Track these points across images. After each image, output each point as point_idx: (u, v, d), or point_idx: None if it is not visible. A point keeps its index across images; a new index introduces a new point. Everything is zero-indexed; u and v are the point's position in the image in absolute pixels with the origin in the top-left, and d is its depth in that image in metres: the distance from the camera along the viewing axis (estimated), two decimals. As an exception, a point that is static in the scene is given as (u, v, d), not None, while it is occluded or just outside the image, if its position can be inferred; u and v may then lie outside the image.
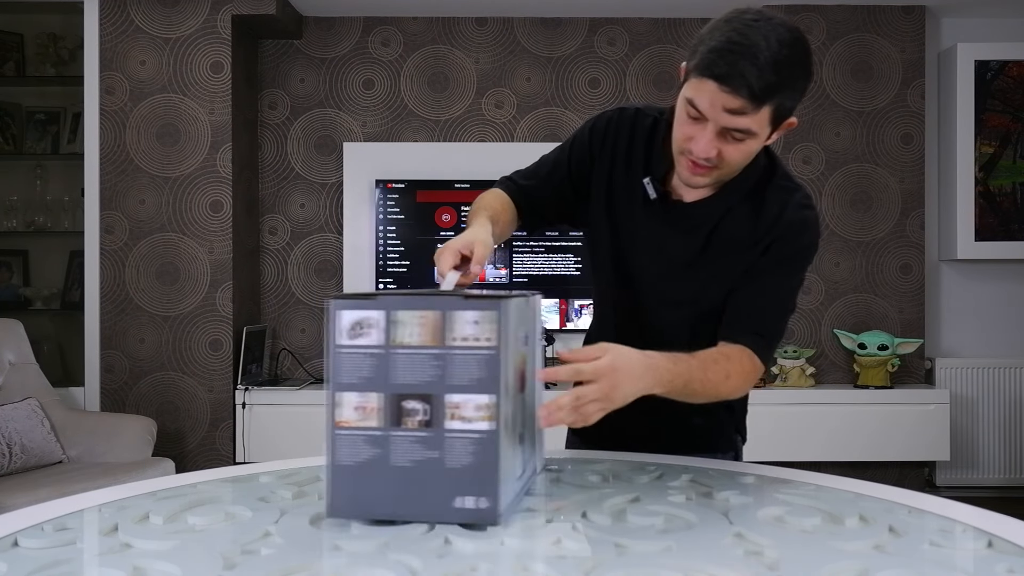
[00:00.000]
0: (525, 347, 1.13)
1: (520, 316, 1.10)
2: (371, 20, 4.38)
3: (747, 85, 1.19)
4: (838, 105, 4.28)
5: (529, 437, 1.17)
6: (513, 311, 1.05)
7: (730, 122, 1.24)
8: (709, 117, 1.24)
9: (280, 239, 4.38)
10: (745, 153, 1.30)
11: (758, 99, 1.21)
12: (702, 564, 0.88)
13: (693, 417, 1.49)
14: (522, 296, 1.13)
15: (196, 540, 0.97)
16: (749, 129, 1.25)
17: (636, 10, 4.31)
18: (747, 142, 1.27)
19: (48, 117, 4.31)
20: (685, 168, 1.33)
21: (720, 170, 1.31)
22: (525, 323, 1.14)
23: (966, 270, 4.45)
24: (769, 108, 1.23)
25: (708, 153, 1.27)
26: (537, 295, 1.24)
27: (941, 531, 1.02)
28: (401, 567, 0.87)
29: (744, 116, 1.23)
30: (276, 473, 1.33)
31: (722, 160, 1.29)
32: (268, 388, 4.00)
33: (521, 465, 1.12)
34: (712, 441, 1.55)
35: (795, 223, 1.38)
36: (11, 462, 3.18)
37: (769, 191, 1.40)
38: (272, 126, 4.38)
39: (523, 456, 1.14)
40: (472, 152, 4.29)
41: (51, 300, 4.21)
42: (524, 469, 1.14)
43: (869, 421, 4.02)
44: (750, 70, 1.19)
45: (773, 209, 1.39)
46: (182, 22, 4.00)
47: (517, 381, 1.09)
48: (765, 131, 1.27)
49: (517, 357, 1.08)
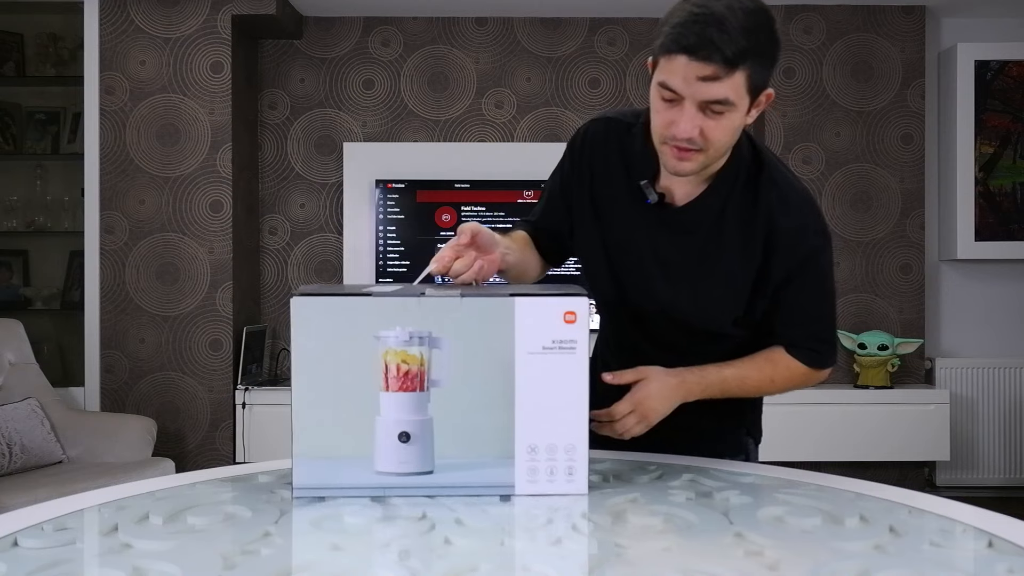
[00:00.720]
0: (420, 348, 1.15)
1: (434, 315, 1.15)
2: (371, 20, 4.38)
3: (718, 50, 1.18)
4: (838, 105, 4.28)
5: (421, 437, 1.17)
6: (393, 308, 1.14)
7: (707, 92, 1.22)
8: (685, 94, 1.23)
9: (280, 239, 4.38)
10: (727, 129, 1.27)
11: (731, 62, 1.19)
12: (702, 564, 0.88)
13: (703, 419, 1.49)
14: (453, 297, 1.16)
15: (196, 540, 0.97)
16: (727, 98, 1.22)
17: (636, 10, 4.31)
18: (728, 115, 1.24)
19: (48, 117, 4.31)
20: (671, 157, 1.30)
21: (706, 153, 1.28)
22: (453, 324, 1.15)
23: (966, 270, 4.45)
24: (743, 74, 1.21)
25: (691, 132, 1.24)
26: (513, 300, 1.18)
27: (941, 531, 1.02)
28: (401, 567, 0.87)
29: (719, 83, 1.20)
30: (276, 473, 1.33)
31: (706, 140, 1.26)
32: (268, 388, 3.99)
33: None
34: (723, 444, 1.54)
35: (792, 227, 1.35)
36: (11, 462, 3.18)
37: (760, 187, 1.37)
38: (272, 126, 4.38)
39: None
40: (472, 152, 4.29)
41: (51, 300, 4.21)
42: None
43: (869, 421, 4.02)
44: (718, 35, 1.18)
45: (763, 203, 1.36)
46: (182, 22, 4.00)
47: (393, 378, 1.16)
48: (743, 101, 1.25)
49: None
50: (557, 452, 1.16)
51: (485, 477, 1.15)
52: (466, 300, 1.16)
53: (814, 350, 1.42)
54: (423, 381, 1.15)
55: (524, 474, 1.16)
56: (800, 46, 4.26)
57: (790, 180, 1.40)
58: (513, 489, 1.15)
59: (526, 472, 1.16)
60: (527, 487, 1.16)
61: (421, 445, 1.15)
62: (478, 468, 1.15)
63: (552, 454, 1.16)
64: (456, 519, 1.04)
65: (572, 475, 1.16)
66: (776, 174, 1.39)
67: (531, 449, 1.16)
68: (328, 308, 1.15)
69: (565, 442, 1.16)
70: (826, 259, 1.40)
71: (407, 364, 1.15)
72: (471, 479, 1.15)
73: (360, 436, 1.15)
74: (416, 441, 1.14)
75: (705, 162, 1.31)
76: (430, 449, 1.15)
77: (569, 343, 1.16)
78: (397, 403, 1.15)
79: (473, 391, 1.16)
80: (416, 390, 1.15)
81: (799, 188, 1.39)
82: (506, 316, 1.16)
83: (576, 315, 1.17)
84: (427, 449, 1.15)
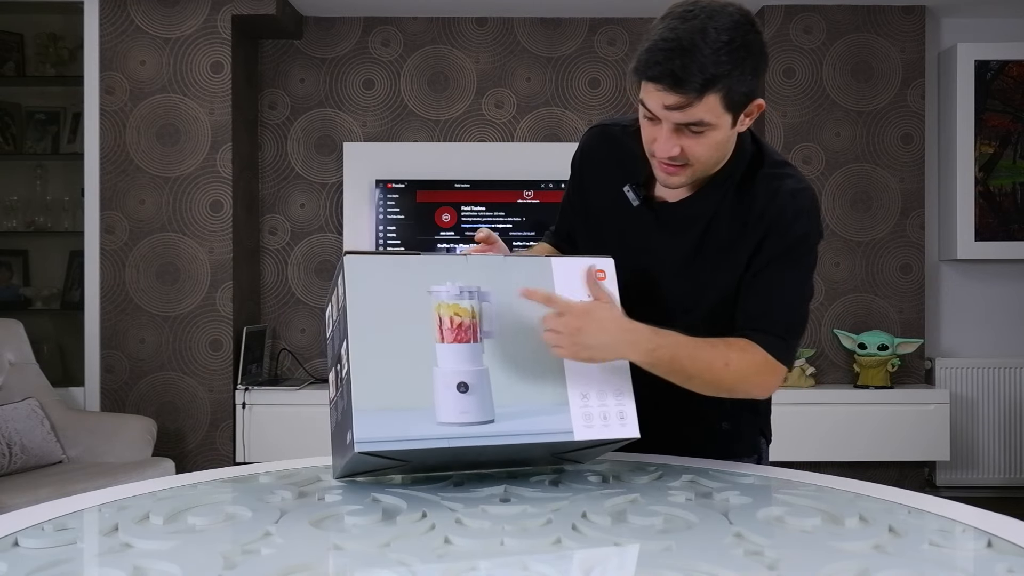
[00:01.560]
0: (471, 301, 1.20)
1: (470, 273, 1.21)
2: (371, 20, 4.38)
3: (681, 81, 1.19)
4: (838, 105, 4.28)
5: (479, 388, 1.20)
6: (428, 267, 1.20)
7: (679, 117, 1.24)
8: (660, 116, 1.25)
9: (280, 239, 4.38)
10: (710, 146, 1.28)
11: (699, 90, 1.20)
12: (702, 564, 0.88)
13: (720, 422, 1.50)
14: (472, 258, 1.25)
15: (196, 540, 0.97)
16: (702, 120, 1.23)
17: (636, 10, 4.31)
18: (708, 134, 1.26)
19: (48, 117, 4.31)
20: (659, 171, 1.33)
21: (692, 167, 1.30)
22: (488, 280, 1.22)
23: (966, 270, 4.45)
24: (715, 96, 1.22)
25: (670, 152, 1.27)
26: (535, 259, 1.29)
27: (941, 531, 1.02)
28: (401, 567, 0.87)
29: (690, 108, 1.22)
30: (276, 473, 1.33)
31: (688, 156, 1.28)
32: (268, 388, 4.00)
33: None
34: (737, 446, 1.54)
35: (785, 213, 1.34)
36: (11, 462, 3.18)
37: (758, 180, 1.37)
38: (272, 126, 4.38)
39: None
40: (472, 152, 4.29)
41: (51, 300, 4.21)
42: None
43: (869, 421, 4.02)
44: (682, 67, 1.19)
45: (761, 199, 1.36)
46: (182, 22, 4.00)
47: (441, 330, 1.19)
48: (724, 119, 1.25)
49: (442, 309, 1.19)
50: (607, 398, 1.22)
51: (544, 424, 1.18)
52: (508, 260, 1.24)
53: (779, 337, 1.35)
54: (476, 332, 1.20)
55: (580, 419, 1.20)
56: (800, 46, 4.27)
57: (792, 174, 1.39)
58: (572, 435, 1.19)
59: (582, 418, 1.20)
60: (584, 432, 1.19)
61: (480, 395, 1.17)
62: (535, 416, 1.18)
63: (603, 400, 1.22)
64: (456, 519, 1.05)
65: (623, 419, 1.22)
66: (777, 170, 1.39)
67: (583, 396, 1.21)
68: (380, 267, 1.19)
69: (613, 387, 1.23)
70: (812, 255, 1.39)
71: (459, 316, 1.19)
72: (531, 427, 1.17)
73: (418, 390, 1.16)
74: (475, 391, 1.17)
75: (694, 175, 1.33)
76: (489, 399, 1.18)
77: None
78: (453, 354, 1.18)
79: (522, 345, 1.21)
80: (470, 341, 1.19)
81: (801, 183, 1.38)
82: (545, 275, 1.25)
83: (606, 273, 1.28)
84: (486, 399, 1.17)
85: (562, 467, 1.35)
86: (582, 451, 1.27)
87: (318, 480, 1.29)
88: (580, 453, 1.29)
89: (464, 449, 1.15)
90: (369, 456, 1.12)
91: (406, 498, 1.14)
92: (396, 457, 1.15)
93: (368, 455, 1.12)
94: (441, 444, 1.13)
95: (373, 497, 1.16)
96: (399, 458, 1.16)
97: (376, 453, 1.12)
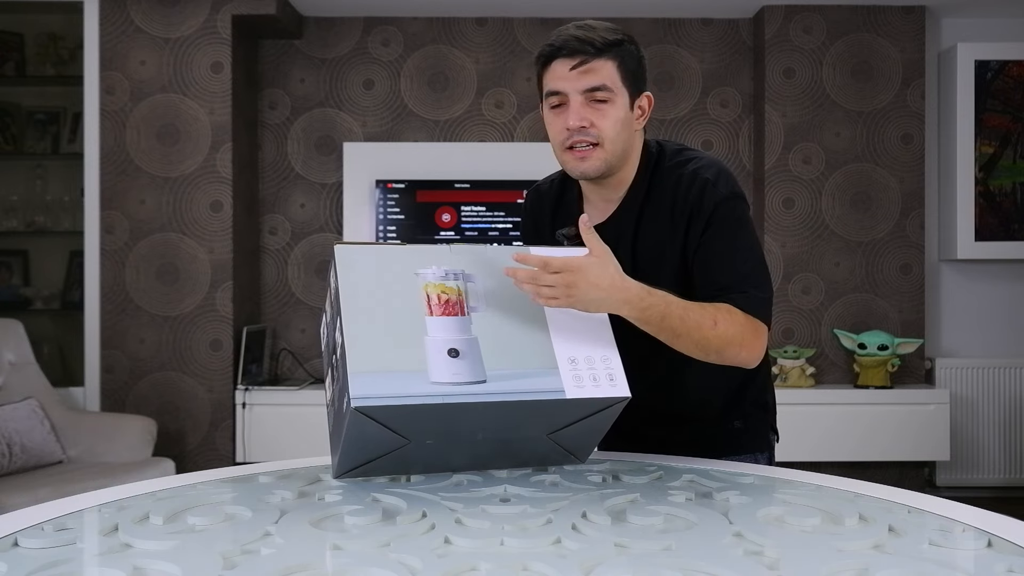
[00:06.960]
0: (456, 281, 1.27)
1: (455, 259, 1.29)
2: (371, 20, 4.38)
3: (583, 42, 1.38)
4: (838, 105, 4.28)
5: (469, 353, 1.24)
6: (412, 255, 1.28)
7: (584, 81, 1.39)
8: (567, 89, 1.40)
9: (280, 239, 4.38)
10: (614, 120, 1.41)
11: (599, 50, 1.39)
12: (702, 564, 0.88)
13: (733, 421, 1.55)
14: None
15: (196, 540, 0.97)
16: (603, 84, 1.39)
17: (636, 10, 4.31)
18: (611, 104, 1.40)
19: (48, 117, 4.31)
20: (572, 160, 1.44)
21: (602, 147, 1.41)
22: (472, 265, 1.29)
23: (966, 270, 4.45)
24: (612, 63, 1.40)
25: (581, 121, 1.39)
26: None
27: (941, 531, 1.02)
28: (401, 567, 0.87)
29: (593, 73, 1.38)
30: (276, 473, 1.33)
31: (597, 132, 1.40)
32: (268, 388, 4.00)
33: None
34: (750, 443, 1.58)
35: (693, 192, 1.42)
36: (11, 462, 3.18)
37: (664, 176, 1.46)
38: (272, 126, 4.38)
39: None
40: (472, 152, 4.29)
41: (51, 300, 4.21)
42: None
43: (869, 421, 4.02)
44: (583, 33, 1.40)
45: (671, 191, 1.45)
46: (182, 22, 4.00)
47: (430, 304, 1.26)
48: (621, 91, 1.41)
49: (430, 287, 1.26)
50: (595, 362, 1.26)
51: (536, 384, 1.22)
52: (490, 248, 1.32)
53: (746, 293, 1.39)
54: (463, 307, 1.26)
55: (571, 381, 1.24)
56: (800, 46, 4.27)
57: (691, 157, 1.48)
58: (564, 393, 1.22)
59: (572, 379, 1.24)
60: (576, 391, 1.23)
61: (471, 359, 1.22)
62: (527, 377, 1.22)
63: (591, 364, 1.26)
64: (456, 519, 1.05)
65: (613, 380, 1.26)
66: (677, 159, 1.48)
67: (571, 360, 1.26)
68: (369, 255, 1.26)
69: (599, 353, 1.28)
70: (739, 212, 1.44)
71: (446, 294, 1.25)
72: (523, 386, 1.21)
73: (412, 356, 1.20)
74: (465, 356, 1.21)
75: (605, 158, 1.42)
76: (479, 362, 1.22)
77: None
78: (443, 325, 1.23)
79: (510, 318, 1.27)
80: (458, 315, 1.24)
81: (701, 161, 1.47)
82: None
83: None
84: (476, 362, 1.22)
85: (562, 467, 1.35)
86: (578, 432, 1.29)
87: (318, 480, 1.29)
88: (576, 436, 1.30)
89: (458, 410, 1.18)
90: (367, 420, 1.15)
91: (406, 498, 1.14)
92: (392, 426, 1.18)
93: (366, 417, 1.14)
94: (436, 400, 1.17)
95: (373, 497, 1.16)
96: (395, 427, 1.18)
97: (373, 416, 1.14)
